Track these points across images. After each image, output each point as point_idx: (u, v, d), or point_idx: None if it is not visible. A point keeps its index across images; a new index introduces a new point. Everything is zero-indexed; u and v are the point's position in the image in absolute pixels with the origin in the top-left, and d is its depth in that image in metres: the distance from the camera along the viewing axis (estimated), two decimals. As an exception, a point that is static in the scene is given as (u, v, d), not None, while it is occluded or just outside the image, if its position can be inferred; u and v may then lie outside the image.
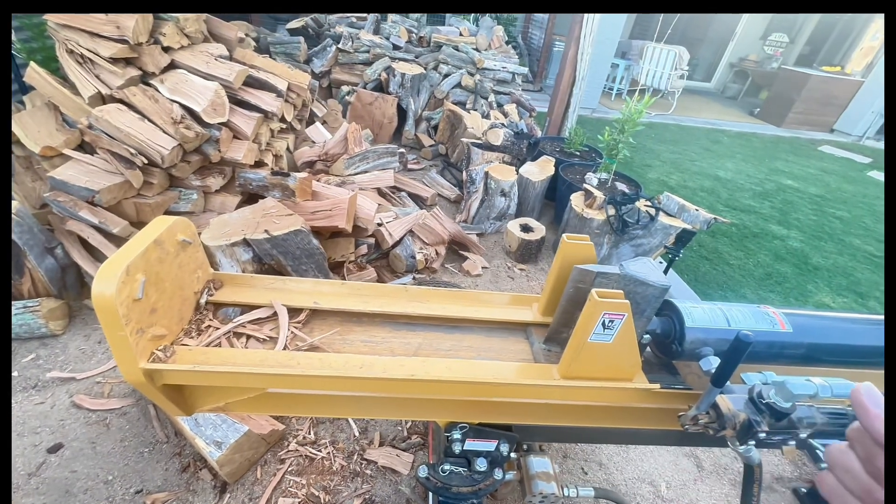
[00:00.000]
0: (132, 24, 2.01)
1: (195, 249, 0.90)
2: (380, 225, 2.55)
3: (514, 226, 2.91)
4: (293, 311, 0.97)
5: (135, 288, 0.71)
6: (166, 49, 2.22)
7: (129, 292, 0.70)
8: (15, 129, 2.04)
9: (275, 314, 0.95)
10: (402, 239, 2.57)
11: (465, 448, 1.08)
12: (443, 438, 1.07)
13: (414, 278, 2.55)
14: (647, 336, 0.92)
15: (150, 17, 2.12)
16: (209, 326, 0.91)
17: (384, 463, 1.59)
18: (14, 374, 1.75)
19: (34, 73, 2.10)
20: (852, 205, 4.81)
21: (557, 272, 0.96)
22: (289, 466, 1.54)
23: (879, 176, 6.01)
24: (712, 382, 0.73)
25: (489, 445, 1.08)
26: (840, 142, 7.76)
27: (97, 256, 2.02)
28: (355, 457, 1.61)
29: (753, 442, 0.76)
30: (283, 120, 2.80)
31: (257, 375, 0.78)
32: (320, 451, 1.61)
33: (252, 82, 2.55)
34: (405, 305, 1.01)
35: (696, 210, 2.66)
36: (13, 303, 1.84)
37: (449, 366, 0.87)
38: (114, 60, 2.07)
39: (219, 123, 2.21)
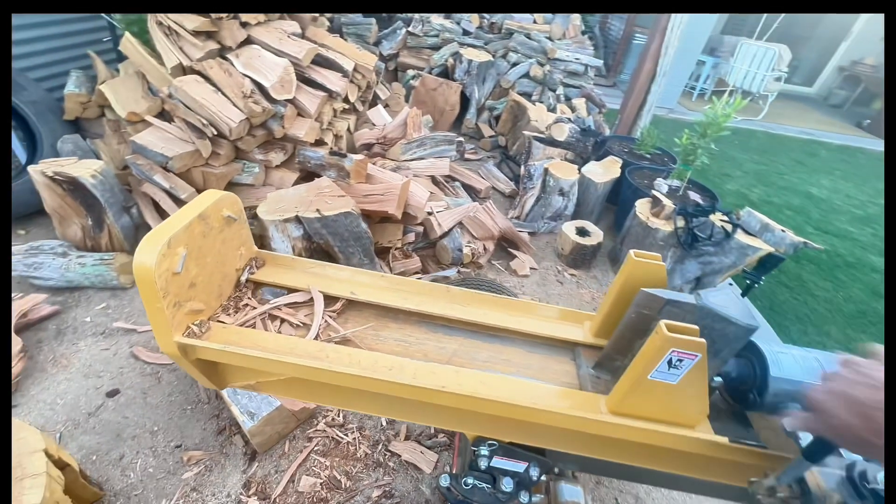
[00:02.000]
0: (214, -2, 2.08)
1: (240, 226, 0.89)
2: (430, 214, 2.51)
3: (569, 228, 2.75)
4: (329, 299, 0.94)
5: (175, 261, 0.71)
6: (244, 24, 2.29)
7: (168, 265, 0.69)
8: (107, 93, 2.20)
9: (311, 300, 0.92)
10: (450, 230, 2.51)
11: (491, 465, 1.01)
12: (469, 451, 1.00)
13: (459, 272, 2.49)
14: (719, 379, 0.79)
15: (231, -8, 2.19)
16: (247, 305, 0.90)
17: (408, 458, 1.57)
18: (87, 319, 1.92)
19: (128, 43, 2.25)
20: (980, 242, 4.07)
21: (618, 291, 0.85)
22: (315, 446, 1.56)
23: None
24: (805, 455, 0.59)
25: (518, 466, 1.00)
26: (971, 166, 6.60)
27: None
28: (380, 447, 1.60)
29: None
30: (346, 100, 2.82)
31: (285, 363, 0.75)
32: (346, 435, 1.61)
33: (320, 61, 2.58)
34: (445, 307, 0.95)
35: (783, 231, 2.36)
36: (90, 254, 2.01)
37: (483, 380, 0.79)
38: (196, 33, 2.17)
39: (285, 100, 2.25)
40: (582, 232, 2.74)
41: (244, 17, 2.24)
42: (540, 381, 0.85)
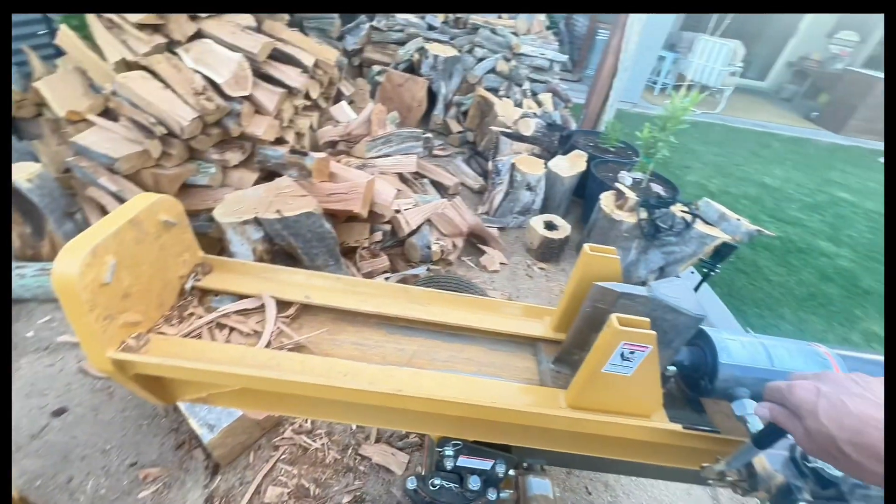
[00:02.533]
0: (159, -11, 1.97)
1: (182, 231, 0.84)
2: (397, 212, 2.47)
3: (537, 222, 2.77)
4: (283, 304, 0.90)
5: (103, 271, 0.65)
6: (194, 17, 2.17)
7: (95, 275, 0.64)
8: (43, 91, 2.05)
9: (263, 306, 0.88)
10: (419, 228, 2.48)
11: (457, 464, 1.00)
12: (435, 452, 0.99)
13: (428, 269, 2.47)
14: (673, 368, 0.80)
15: (178, -17, 2.07)
16: (192, 314, 0.85)
17: (378, 460, 1.54)
18: (29, 334, 1.78)
19: (65, 37, 2.10)
20: (915, 225, 4.38)
21: (575, 286, 0.85)
22: (282, 454, 1.51)
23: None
24: (755, 442, 0.60)
25: (485, 464, 1.00)
26: (906, 154, 7.10)
27: (114, 224, 2.03)
28: (350, 451, 1.57)
29: (792, 511, 0.64)
30: (307, 97, 2.74)
31: (231, 375, 0.71)
32: (315, 441, 1.57)
33: (278, 56, 2.49)
34: (404, 307, 0.92)
35: (738, 220, 2.46)
36: (31, 264, 1.87)
37: (442, 381, 0.78)
38: (141, 27, 2.04)
39: (241, 97, 2.16)
40: (550, 226, 2.77)
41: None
42: (501, 379, 0.84)
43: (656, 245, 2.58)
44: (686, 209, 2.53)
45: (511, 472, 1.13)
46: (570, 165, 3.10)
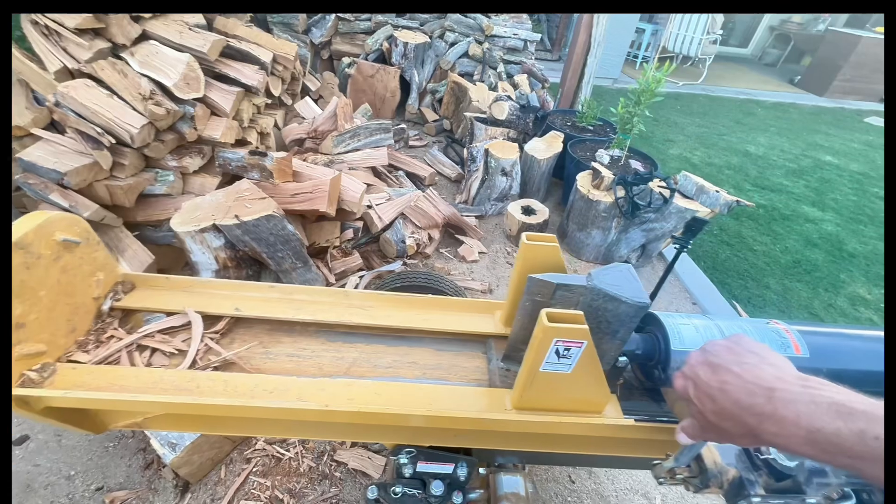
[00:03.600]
0: (94, -10, 1.86)
1: (91, 249, 0.78)
2: (369, 207, 2.41)
3: (515, 208, 2.71)
4: (213, 319, 0.84)
5: (-18, 302, 0.59)
6: (137, 19, 2.07)
7: (-30, 309, 0.58)
8: (-17, 107, 1.95)
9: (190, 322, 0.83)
10: (392, 222, 2.42)
11: (417, 471, 0.95)
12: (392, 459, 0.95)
13: (404, 264, 2.42)
14: (624, 359, 0.75)
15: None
16: (112, 337, 0.79)
17: (355, 465, 1.50)
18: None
19: (2, 48, 1.99)
20: (900, 183, 4.35)
21: (518, 279, 0.80)
22: (254, 467, 1.47)
23: (934, 151, 5.42)
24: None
25: (445, 468, 0.96)
26: (891, 112, 7.05)
27: (71, 241, 1.95)
28: (325, 458, 1.53)
29: (745, 504, 0.60)
30: (269, 94, 2.64)
31: (141, 402, 0.66)
32: (289, 450, 1.52)
33: (233, 53, 2.39)
34: (343, 313, 0.87)
35: (717, 191, 2.41)
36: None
37: (379, 391, 0.73)
38: (80, 31, 1.94)
39: (193, 99, 2.07)
40: (528, 210, 2.72)
41: (135, 10, 2.03)
42: (446, 383, 0.80)
43: (636, 223, 2.53)
44: (664, 184, 2.47)
45: (482, 470, 1.10)
46: (546, 147, 3.03)
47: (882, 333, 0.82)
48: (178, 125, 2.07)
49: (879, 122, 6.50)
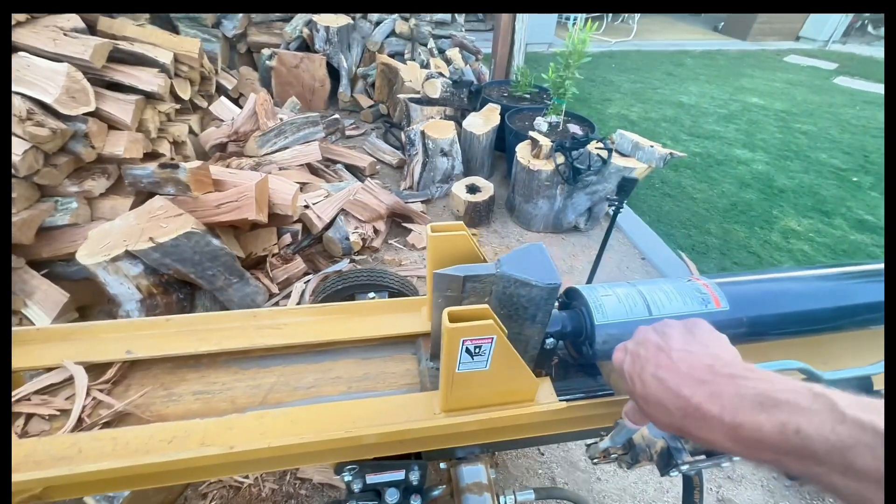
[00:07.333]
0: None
1: (-75, 313, 0.65)
2: (306, 207, 2.28)
3: (459, 187, 2.66)
4: (101, 368, 0.74)
5: None
6: (-3, 28, 1.80)
7: None
8: None
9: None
10: (333, 220, 2.31)
11: (367, 483, 0.91)
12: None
13: (352, 261, 2.33)
14: (552, 340, 0.73)
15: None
16: (-23, 408, 0.68)
17: (319, 479, 1.45)
18: None
19: None
20: (818, 117, 4.63)
21: (433, 273, 0.74)
22: (212, 501, 1.39)
23: (845, 82, 5.81)
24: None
25: (397, 476, 0.92)
26: (806, 49, 7.47)
27: (-35, 291, 1.73)
28: (287, 477, 1.46)
29: (676, 473, 0.59)
30: (178, 99, 2.42)
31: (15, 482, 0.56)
32: (247, 477, 1.45)
33: (125, 58, 2.15)
34: (254, 336, 0.79)
35: (651, 146, 2.44)
36: None
37: (295, 418, 0.67)
38: (-73, 51, 1.67)
39: (84, 114, 1.85)
40: (472, 189, 2.67)
41: (-8, 18, 1.76)
42: (372, 394, 0.74)
43: (579, 188, 2.55)
44: (601, 145, 2.48)
45: (442, 465, 1.07)
46: (484, 121, 2.97)
47: (799, 273, 0.83)
48: (71, 145, 1.85)
49: (798, 59, 6.86)
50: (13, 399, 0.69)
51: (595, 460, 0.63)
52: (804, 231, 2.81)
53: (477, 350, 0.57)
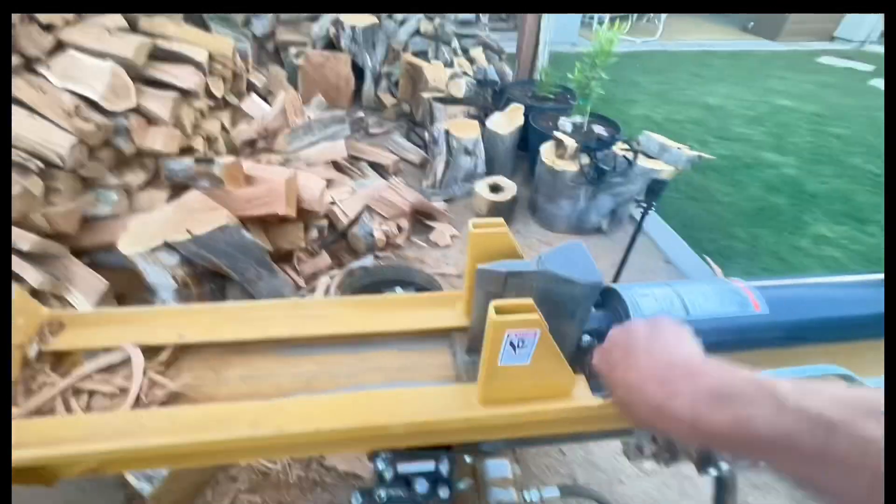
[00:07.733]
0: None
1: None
2: (332, 204, 2.33)
3: (482, 187, 2.67)
4: (154, 350, 0.79)
5: None
6: (48, 27, 1.90)
7: None
8: None
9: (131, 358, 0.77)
10: (358, 217, 2.35)
11: (398, 472, 0.94)
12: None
13: (376, 257, 2.36)
14: (588, 337, 0.74)
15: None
16: (45, 384, 0.73)
17: (345, 468, 1.49)
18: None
19: None
20: (852, 120, 4.48)
21: (472, 270, 0.76)
22: (241, 485, 1.44)
23: (882, 84, 5.60)
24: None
25: (427, 466, 0.94)
26: (841, 50, 7.22)
27: (14, 279, 1.83)
28: (314, 465, 1.50)
29: (716, 472, 0.60)
30: (211, 96, 2.49)
31: (78, 454, 0.61)
32: (276, 463, 1.49)
33: (164, 55, 2.23)
34: (296, 325, 0.82)
35: (679, 148, 2.42)
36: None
37: (338, 404, 0.69)
38: (-15, 48, 1.77)
39: (126, 110, 1.94)
40: (495, 188, 2.68)
41: (44, 17, 1.86)
42: (411, 385, 0.77)
43: (603, 189, 2.53)
44: (626, 147, 2.46)
45: (468, 459, 1.09)
46: (507, 121, 2.97)
47: (838, 279, 0.83)
48: (114, 139, 1.93)
49: (832, 60, 6.65)
50: (76, 378, 0.74)
51: (632, 460, 0.64)
52: (836, 238, 2.74)
53: (520, 343, 0.58)
